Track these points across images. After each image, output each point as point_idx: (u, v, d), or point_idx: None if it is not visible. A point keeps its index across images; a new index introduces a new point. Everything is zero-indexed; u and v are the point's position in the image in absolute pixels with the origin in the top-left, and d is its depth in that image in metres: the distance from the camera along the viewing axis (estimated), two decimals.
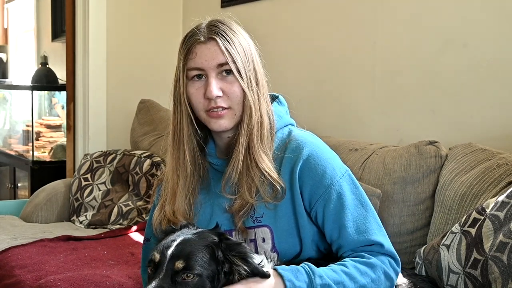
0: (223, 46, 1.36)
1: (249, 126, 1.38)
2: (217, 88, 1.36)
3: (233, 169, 1.39)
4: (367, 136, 2.39)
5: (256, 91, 1.39)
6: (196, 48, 1.39)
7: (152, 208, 1.59)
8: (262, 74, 1.43)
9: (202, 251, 1.23)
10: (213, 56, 1.37)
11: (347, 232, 1.35)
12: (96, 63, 3.51)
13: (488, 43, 1.98)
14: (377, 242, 1.35)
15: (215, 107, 1.38)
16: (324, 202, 1.38)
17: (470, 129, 2.03)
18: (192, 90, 1.40)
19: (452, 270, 1.51)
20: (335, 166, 1.41)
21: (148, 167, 2.98)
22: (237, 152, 1.39)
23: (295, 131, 1.48)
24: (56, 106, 4.34)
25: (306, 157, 1.39)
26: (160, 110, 3.36)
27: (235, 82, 1.37)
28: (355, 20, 2.51)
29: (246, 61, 1.38)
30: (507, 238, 1.38)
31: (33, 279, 2.05)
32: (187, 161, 1.43)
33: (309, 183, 1.39)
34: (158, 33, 3.70)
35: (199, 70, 1.38)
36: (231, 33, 1.39)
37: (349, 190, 1.39)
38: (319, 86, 2.71)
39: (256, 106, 1.39)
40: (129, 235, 2.69)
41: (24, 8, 5.76)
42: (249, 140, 1.39)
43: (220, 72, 1.38)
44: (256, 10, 3.08)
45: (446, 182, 1.81)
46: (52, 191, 3.12)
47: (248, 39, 1.44)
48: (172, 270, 1.20)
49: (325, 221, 1.38)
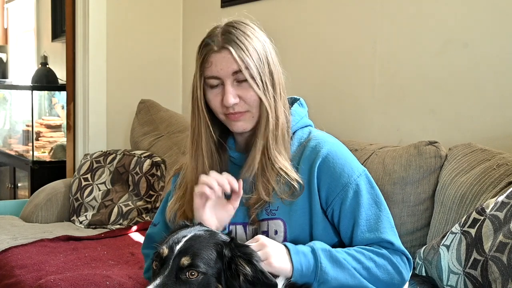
0: (236, 54, 1.39)
1: (266, 130, 1.42)
2: (233, 95, 1.40)
3: (249, 170, 1.43)
4: (367, 136, 2.39)
5: (272, 94, 1.43)
6: (211, 57, 1.42)
7: (166, 196, 1.64)
8: (278, 74, 1.46)
9: (210, 249, 1.24)
10: (227, 65, 1.40)
11: (359, 230, 1.39)
12: (96, 63, 3.51)
13: (488, 43, 1.98)
14: (387, 240, 1.38)
15: (233, 112, 1.42)
16: (341, 200, 1.41)
17: (470, 129, 2.03)
18: (211, 96, 1.44)
19: (452, 270, 1.51)
20: (353, 165, 1.44)
21: (148, 167, 2.98)
22: (254, 153, 1.43)
23: (314, 131, 1.52)
24: (56, 106, 4.34)
25: (325, 155, 1.43)
26: (160, 110, 3.36)
27: (250, 88, 1.41)
28: (355, 20, 2.51)
29: (261, 65, 1.42)
30: (507, 238, 1.38)
31: (33, 279, 2.05)
32: (206, 165, 1.46)
33: (327, 181, 1.42)
34: (158, 33, 3.70)
35: (215, 79, 1.42)
36: (244, 39, 1.41)
37: (366, 190, 1.42)
38: (319, 86, 2.71)
39: (273, 109, 1.42)
40: (129, 235, 2.69)
41: (24, 8, 5.76)
42: (265, 142, 1.42)
43: (236, 79, 1.41)
44: (256, 10, 3.08)
45: (446, 183, 1.81)
46: (52, 191, 3.13)
47: (264, 40, 1.46)
48: (177, 266, 1.20)
49: (340, 219, 1.42)
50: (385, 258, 1.37)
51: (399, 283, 1.39)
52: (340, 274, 1.33)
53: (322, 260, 1.32)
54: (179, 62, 3.74)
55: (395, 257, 1.38)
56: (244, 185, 1.43)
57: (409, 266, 1.41)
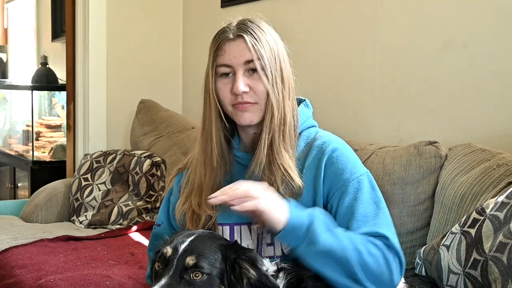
0: (250, 43, 1.41)
1: (271, 124, 1.43)
2: (244, 84, 1.42)
3: (257, 165, 1.44)
4: (367, 136, 2.39)
5: (281, 89, 1.44)
6: (225, 45, 1.44)
7: (167, 194, 1.65)
8: (288, 73, 1.48)
9: (215, 250, 1.24)
10: (240, 53, 1.42)
11: (355, 223, 1.38)
12: (96, 63, 3.51)
13: (488, 43, 1.98)
14: (382, 235, 1.36)
15: (242, 102, 1.43)
16: (340, 195, 1.41)
17: (470, 129, 2.03)
18: (220, 85, 1.45)
19: (452, 270, 1.51)
20: (356, 165, 1.46)
21: (148, 167, 2.98)
22: (260, 147, 1.44)
23: (320, 131, 1.54)
24: (56, 106, 4.34)
25: (331, 152, 1.44)
26: (160, 110, 3.36)
27: (260, 80, 1.42)
28: (355, 20, 2.51)
29: (273, 59, 1.43)
30: (507, 238, 1.38)
31: (33, 279, 2.05)
32: (215, 153, 1.47)
33: (330, 177, 1.43)
34: (158, 33, 3.70)
35: (227, 67, 1.43)
36: (259, 31, 1.45)
37: (366, 189, 1.42)
38: (319, 86, 2.71)
39: (280, 104, 1.43)
40: (129, 235, 2.69)
41: (24, 8, 5.76)
42: (271, 137, 1.43)
43: (248, 69, 1.43)
44: (256, 10, 3.07)
45: (446, 183, 1.81)
46: (52, 191, 3.13)
47: (277, 38, 1.49)
48: (182, 266, 1.21)
49: (337, 212, 1.41)
50: (379, 249, 1.34)
51: (387, 281, 1.34)
52: (331, 240, 1.31)
53: (317, 221, 1.32)
54: (179, 62, 3.74)
55: (389, 253, 1.35)
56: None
57: (400, 269, 1.37)
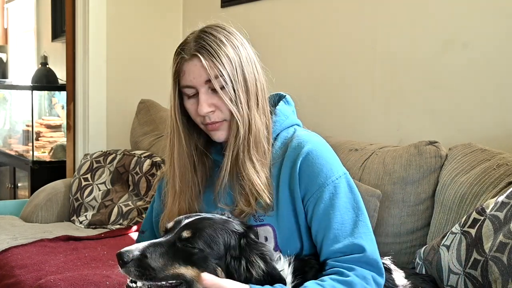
0: (206, 63, 1.34)
1: (236, 141, 1.38)
2: (207, 104, 1.37)
3: (219, 182, 1.41)
4: (367, 136, 2.39)
5: (246, 102, 1.37)
6: (183, 65, 1.38)
7: (152, 201, 1.63)
8: (256, 80, 1.40)
9: (216, 232, 1.24)
10: (199, 73, 1.36)
11: (331, 234, 1.32)
12: (96, 63, 3.51)
13: (488, 43, 1.98)
14: (359, 245, 1.31)
15: (210, 122, 1.39)
16: (315, 200, 1.36)
17: (470, 129, 2.03)
18: (188, 106, 1.41)
19: (452, 270, 1.51)
20: (333, 167, 1.39)
21: (148, 167, 2.98)
22: (224, 165, 1.40)
23: (299, 131, 1.47)
24: (56, 106, 4.34)
25: (305, 154, 1.38)
26: (160, 110, 3.36)
27: (223, 98, 1.36)
28: (355, 20, 2.51)
29: (234, 72, 1.36)
30: (507, 238, 1.38)
31: (33, 279, 2.05)
32: (177, 180, 1.44)
33: (305, 181, 1.38)
34: (158, 33, 3.70)
35: (190, 88, 1.39)
36: (216, 45, 1.36)
37: (343, 193, 1.36)
38: (319, 86, 2.71)
39: (245, 121, 1.37)
40: (129, 235, 2.69)
41: (24, 8, 5.77)
42: (236, 153, 1.39)
43: (210, 88, 1.37)
44: (256, 10, 3.08)
45: (446, 182, 1.81)
46: (52, 191, 3.13)
47: (238, 45, 1.39)
48: (178, 236, 1.23)
49: (313, 219, 1.36)
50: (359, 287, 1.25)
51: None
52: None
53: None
54: None
55: (367, 280, 1.27)
56: (221, 200, 1.42)
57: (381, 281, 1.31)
